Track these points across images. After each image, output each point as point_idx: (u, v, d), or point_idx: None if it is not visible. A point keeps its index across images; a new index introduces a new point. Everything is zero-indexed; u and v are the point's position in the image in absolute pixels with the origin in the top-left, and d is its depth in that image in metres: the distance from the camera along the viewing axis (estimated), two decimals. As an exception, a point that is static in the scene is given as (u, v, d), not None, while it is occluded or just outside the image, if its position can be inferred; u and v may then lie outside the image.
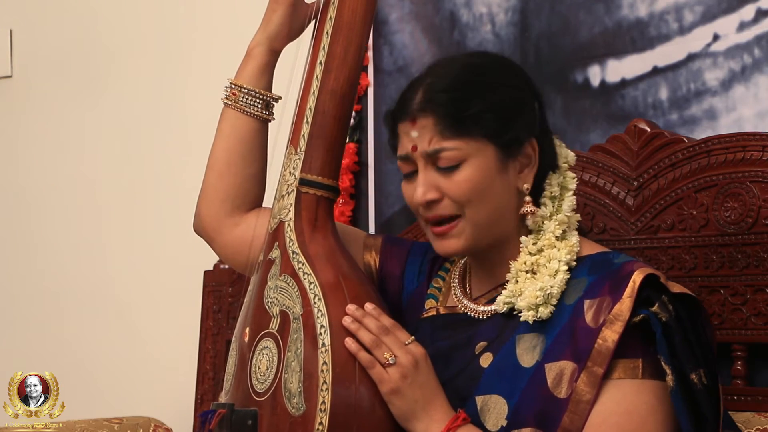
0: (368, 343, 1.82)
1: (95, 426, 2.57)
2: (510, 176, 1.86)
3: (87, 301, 3.31)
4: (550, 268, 1.84)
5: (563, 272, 1.84)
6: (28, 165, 3.45)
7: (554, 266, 1.84)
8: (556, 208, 1.89)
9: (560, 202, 1.89)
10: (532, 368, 1.80)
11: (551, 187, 1.90)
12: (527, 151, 1.87)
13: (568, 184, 1.91)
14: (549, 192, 1.89)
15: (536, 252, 1.87)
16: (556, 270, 1.84)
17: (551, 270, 1.84)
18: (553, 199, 1.89)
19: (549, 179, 1.90)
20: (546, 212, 1.88)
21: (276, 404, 1.83)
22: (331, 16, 1.97)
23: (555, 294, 1.82)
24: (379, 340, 1.83)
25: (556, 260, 1.85)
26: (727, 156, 2.16)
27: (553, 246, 1.86)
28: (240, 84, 2.06)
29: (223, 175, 2.07)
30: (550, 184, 1.90)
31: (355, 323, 1.83)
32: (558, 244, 1.86)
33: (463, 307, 1.94)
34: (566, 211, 1.88)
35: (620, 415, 1.76)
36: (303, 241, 1.92)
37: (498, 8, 2.61)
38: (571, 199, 1.90)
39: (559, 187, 1.90)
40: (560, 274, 1.83)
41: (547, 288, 1.82)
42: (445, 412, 1.82)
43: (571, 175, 1.93)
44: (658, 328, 1.75)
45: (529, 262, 1.86)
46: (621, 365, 1.77)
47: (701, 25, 2.32)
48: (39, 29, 3.41)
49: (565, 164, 1.93)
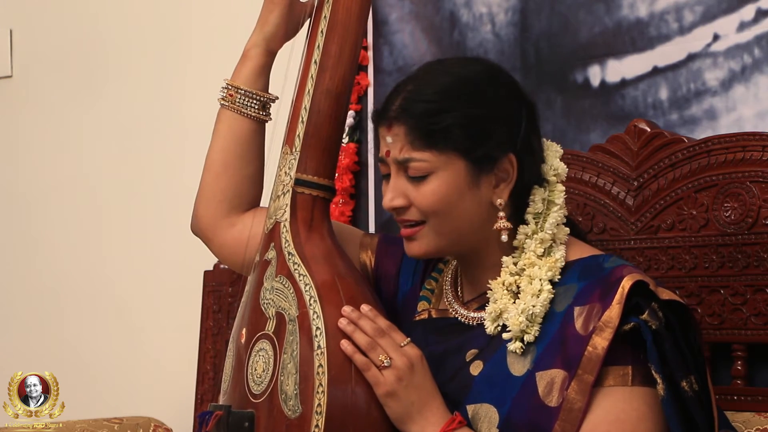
0: (363, 345, 1.82)
1: (95, 426, 2.57)
2: (482, 191, 1.84)
3: (87, 301, 3.31)
4: (533, 288, 1.83)
5: (546, 291, 1.82)
6: (28, 165, 3.45)
7: (537, 286, 1.82)
8: (540, 226, 1.86)
9: (545, 219, 1.86)
10: (522, 377, 1.79)
11: (535, 203, 1.87)
12: (504, 166, 1.84)
13: (555, 198, 1.87)
14: (533, 208, 1.86)
15: (518, 272, 1.85)
16: (540, 290, 1.82)
17: (534, 290, 1.82)
18: (537, 216, 1.86)
19: (533, 194, 1.87)
20: (528, 230, 1.86)
21: (272, 406, 1.83)
22: (326, 14, 1.96)
23: (539, 313, 1.81)
24: (375, 342, 1.82)
25: (538, 279, 1.83)
26: (727, 156, 2.16)
27: (533, 265, 1.84)
28: (237, 85, 2.06)
29: (220, 176, 2.07)
30: (534, 201, 1.87)
31: (350, 325, 1.83)
32: (539, 261, 1.84)
33: (455, 312, 1.93)
34: (548, 229, 1.84)
35: (611, 423, 1.75)
36: (299, 242, 1.91)
37: (498, 8, 2.60)
38: (556, 215, 1.86)
39: (544, 202, 1.87)
40: (543, 293, 1.82)
41: (529, 309, 1.81)
42: (440, 415, 1.82)
43: (560, 189, 1.88)
44: (649, 336, 1.74)
45: (508, 282, 1.85)
46: (611, 373, 1.76)
47: (701, 25, 2.32)
48: (39, 29, 3.42)
49: (554, 177, 1.89)
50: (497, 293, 1.85)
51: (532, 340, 1.80)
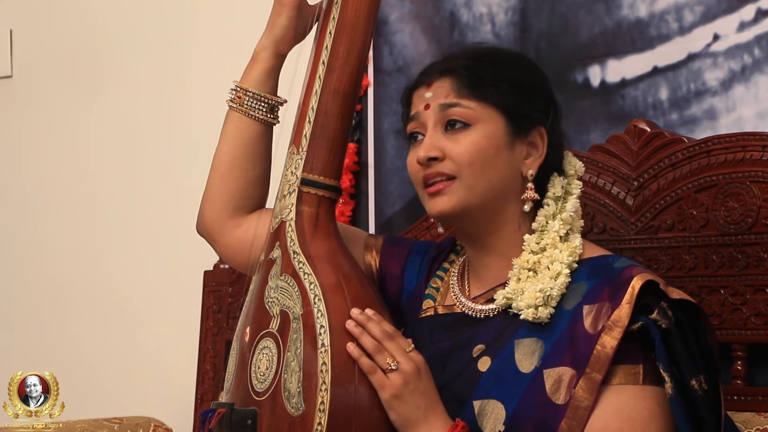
0: (370, 348, 1.82)
1: (95, 426, 2.57)
2: (515, 156, 1.89)
3: (87, 301, 3.31)
4: (552, 270, 1.84)
5: (564, 275, 1.84)
6: (29, 165, 3.45)
7: (557, 268, 1.84)
8: (560, 209, 1.89)
9: (564, 204, 1.90)
10: (530, 374, 1.80)
11: (555, 188, 1.91)
12: (535, 138, 1.90)
13: (572, 189, 1.92)
14: (552, 193, 1.91)
15: (539, 251, 1.87)
16: (558, 272, 1.84)
17: (553, 272, 1.84)
18: (557, 200, 1.90)
19: (553, 180, 1.91)
20: (549, 212, 1.89)
21: (275, 404, 1.83)
22: (335, 15, 1.97)
23: (555, 296, 1.83)
24: (382, 345, 1.83)
25: (558, 262, 1.85)
26: (727, 156, 2.16)
27: (555, 246, 1.86)
28: (245, 87, 2.07)
29: (227, 178, 2.08)
30: (554, 186, 1.91)
31: (358, 327, 1.83)
32: (560, 245, 1.87)
33: (461, 306, 1.94)
34: (569, 210, 1.89)
35: (622, 422, 1.75)
36: (304, 241, 1.92)
37: (498, 8, 2.61)
38: (574, 202, 1.90)
39: (563, 189, 1.91)
40: (561, 277, 1.84)
41: (547, 290, 1.82)
42: (444, 420, 1.83)
43: (578, 183, 1.93)
44: (657, 335, 1.75)
45: (531, 261, 1.87)
46: (621, 371, 1.77)
47: (701, 25, 2.32)
48: (39, 29, 3.41)
49: (572, 172, 1.94)
50: (520, 274, 1.86)
51: (545, 318, 1.81)
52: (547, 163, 1.91)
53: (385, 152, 2.76)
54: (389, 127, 2.76)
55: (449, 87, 1.88)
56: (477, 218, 1.91)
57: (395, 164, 2.75)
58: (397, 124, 2.71)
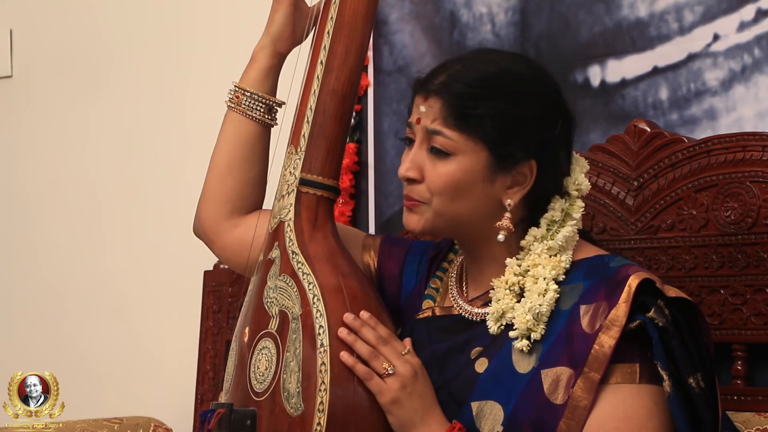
0: (365, 354, 1.82)
1: (95, 426, 2.57)
2: (496, 187, 1.85)
3: (87, 301, 3.31)
4: (538, 287, 1.83)
5: (552, 290, 1.82)
6: (29, 165, 3.45)
7: (542, 285, 1.83)
8: (552, 234, 1.86)
9: (558, 229, 1.87)
10: (528, 374, 1.79)
11: (554, 211, 1.87)
12: (523, 170, 1.85)
13: (573, 212, 1.88)
14: (550, 215, 1.87)
15: (521, 273, 1.86)
16: (545, 289, 1.83)
17: (540, 289, 1.83)
18: (551, 224, 1.87)
19: (553, 203, 1.88)
20: (538, 234, 1.86)
21: (274, 404, 1.83)
22: (332, 15, 1.97)
23: (545, 312, 1.82)
24: (377, 350, 1.83)
25: (542, 278, 1.83)
26: (727, 156, 2.16)
27: (537, 265, 1.85)
28: (243, 87, 2.07)
29: (224, 178, 2.07)
30: (554, 208, 1.88)
31: (351, 335, 1.83)
32: (543, 261, 1.85)
33: (459, 308, 1.94)
34: (559, 239, 1.85)
35: (619, 420, 1.75)
36: (303, 241, 1.91)
37: (498, 8, 2.61)
38: (570, 229, 1.86)
39: (562, 212, 1.88)
40: (549, 292, 1.82)
41: (536, 308, 1.81)
42: (441, 423, 1.83)
43: (580, 204, 1.89)
44: (655, 333, 1.75)
45: (511, 282, 1.86)
46: (618, 370, 1.77)
47: (701, 25, 2.32)
48: (39, 29, 3.41)
49: (576, 192, 1.90)
50: (500, 293, 1.85)
51: (538, 338, 1.81)
52: (538, 190, 1.86)
53: (385, 152, 2.76)
54: (389, 127, 2.76)
55: (438, 111, 1.85)
56: (455, 234, 1.92)
57: (395, 164, 2.73)
58: (397, 124, 2.73)
